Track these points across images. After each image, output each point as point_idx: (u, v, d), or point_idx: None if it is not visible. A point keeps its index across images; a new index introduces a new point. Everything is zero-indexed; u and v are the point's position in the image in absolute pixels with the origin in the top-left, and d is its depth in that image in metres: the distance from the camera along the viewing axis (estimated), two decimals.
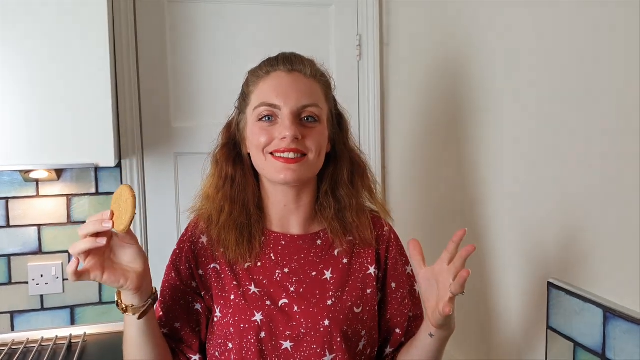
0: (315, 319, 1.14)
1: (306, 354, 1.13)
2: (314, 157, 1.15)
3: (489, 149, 1.51)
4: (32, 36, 1.58)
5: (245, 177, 1.21)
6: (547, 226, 1.29)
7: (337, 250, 1.22)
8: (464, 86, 1.62)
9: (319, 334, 1.14)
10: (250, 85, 1.20)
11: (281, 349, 1.13)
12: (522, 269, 1.39)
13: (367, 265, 1.23)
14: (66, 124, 1.62)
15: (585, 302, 1.15)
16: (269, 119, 1.14)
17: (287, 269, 1.19)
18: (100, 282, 1.03)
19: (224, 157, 1.23)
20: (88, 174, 1.96)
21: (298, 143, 1.12)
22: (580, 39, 1.16)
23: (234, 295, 1.16)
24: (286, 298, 1.16)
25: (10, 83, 1.58)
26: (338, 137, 1.25)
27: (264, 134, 1.13)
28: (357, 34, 2.16)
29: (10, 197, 1.90)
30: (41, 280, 1.93)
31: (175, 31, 2.01)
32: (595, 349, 1.13)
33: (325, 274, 1.20)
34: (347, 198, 1.23)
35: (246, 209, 1.19)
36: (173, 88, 2.01)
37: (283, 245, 1.21)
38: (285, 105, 1.13)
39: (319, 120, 1.16)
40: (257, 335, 1.12)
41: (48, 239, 1.93)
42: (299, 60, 1.19)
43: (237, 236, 1.17)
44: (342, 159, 1.25)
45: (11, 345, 1.83)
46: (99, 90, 1.64)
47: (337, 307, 1.16)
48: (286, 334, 1.13)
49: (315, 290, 1.18)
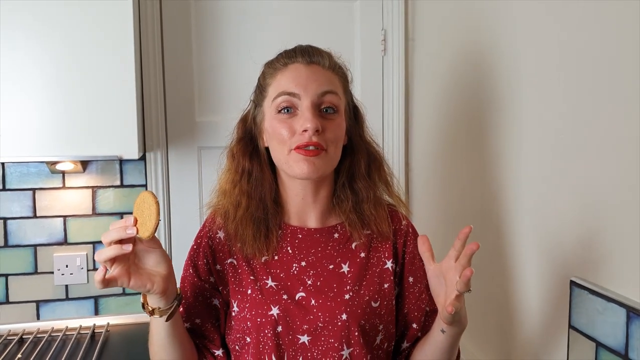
0: (333, 312, 1.14)
1: (323, 348, 1.13)
2: (332, 151, 1.14)
3: (512, 147, 1.49)
4: (59, 30, 1.61)
5: (262, 171, 1.21)
6: (569, 224, 1.27)
7: (354, 243, 1.22)
8: (490, 83, 1.60)
9: (337, 327, 1.13)
10: (267, 77, 1.19)
11: (298, 343, 1.13)
12: (544, 267, 1.37)
13: (384, 260, 1.23)
14: (92, 116, 1.64)
15: (609, 301, 1.13)
16: (288, 111, 1.13)
17: (304, 262, 1.19)
18: (127, 287, 1.03)
19: (240, 152, 1.22)
20: (113, 167, 1.98)
21: (318, 137, 1.11)
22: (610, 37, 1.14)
23: (250, 290, 1.16)
24: (303, 291, 1.16)
25: (38, 76, 1.61)
26: (354, 130, 1.24)
27: (285, 127, 1.13)
28: (382, 29, 2.15)
29: (37, 188, 1.93)
30: (66, 270, 1.96)
31: (201, 26, 2.02)
32: (618, 349, 1.11)
33: (343, 267, 1.19)
34: (365, 190, 1.23)
35: (263, 203, 1.19)
36: (198, 82, 2.03)
37: (300, 238, 1.21)
38: (305, 94, 1.12)
39: (337, 111, 1.15)
40: (273, 329, 1.12)
41: (73, 230, 1.96)
42: (316, 52, 1.18)
43: (254, 231, 1.17)
44: (358, 151, 1.24)
45: (36, 334, 1.87)
46: (124, 83, 1.66)
47: (354, 301, 1.16)
48: (303, 328, 1.13)
49: (332, 284, 1.17)
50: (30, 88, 1.61)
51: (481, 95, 1.65)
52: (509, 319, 1.53)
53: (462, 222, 1.81)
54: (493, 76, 1.58)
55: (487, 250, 1.63)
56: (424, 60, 2.11)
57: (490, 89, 1.60)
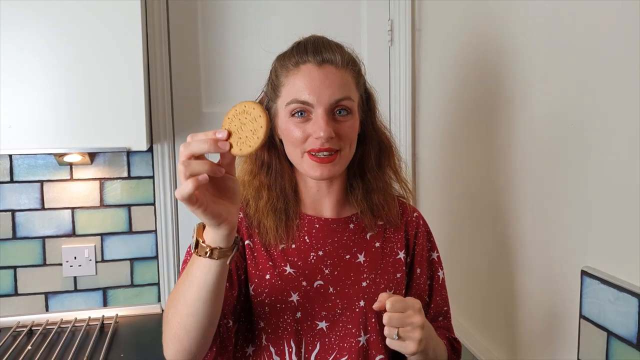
0: (351, 299, 1.17)
1: (341, 333, 1.16)
2: (346, 152, 1.15)
3: (521, 136, 1.49)
4: (66, 23, 1.61)
5: (281, 164, 1.21)
6: (579, 213, 1.27)
7: (369, 234, 1.24)
8: (497, 73, 1.59)
9: (355, 314, 1.16)
10: (280, 76, 1.17)
11: (317, 329, 1.15)
12: (554, 257, 1.37)
13: (397, 250, 1.25)
14: (100, 108, 1.64)
15: (620, 291, 1.13)
16: (301, 114, 1.12)
17: (321, 252, 1.20)
18: (202, 213, 0.86)
19: None
20: (120, 159, 1.98)
21: (331, 141, 1.10)
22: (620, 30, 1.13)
23: (269, 275, 1.17)
24: (321, 280, 1.18)
25: (45, 68, 1.61)
26: (367, 119, 1.24)
27: (298, 130, 1.12)
28: (388, 19, 2.14)
29: (45, 180, 1.93)
30: (75, 262, 1.96)
31: (207, 16, 2.01)
32: (630, 338, 1.11)
33: (359, 257, 1.21)
34: (374, 181, 1.24)
35: (284, 194, 1.20)
36: (204, 73, 2.02)
37: (317, 228, 1.22)
38: (319, 103, 1.10)
39: (351, 112, 1.14)
40: (293, 315, 1.14)
41: (81, 221, 1.97)
42: (328, 48, 1.15)
43: (276, 220, 1.18)
44: (370, 141, 1.24)
45: (45, 326, 1.87)
46: (131, 75, 1.66)
47: (371, 289, 1.18)
48: (322, 315, 1.16)
49: (349, 273, 1.19)
50: (38, 81, 1.61)
51: (489, 85, 1.64)
52: (519, 309, 1.53)
53: (469, 211, 1.80)
54: (501, 66, 1.57)
55: (495, 239, 1.63)
56: (431, 50, 2.10)
57: (498, 79, 1.59)
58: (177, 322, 0.98)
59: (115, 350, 1.71)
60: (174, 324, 0.99)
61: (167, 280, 2.02)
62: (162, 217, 2.01)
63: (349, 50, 1.20)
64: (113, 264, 2.00)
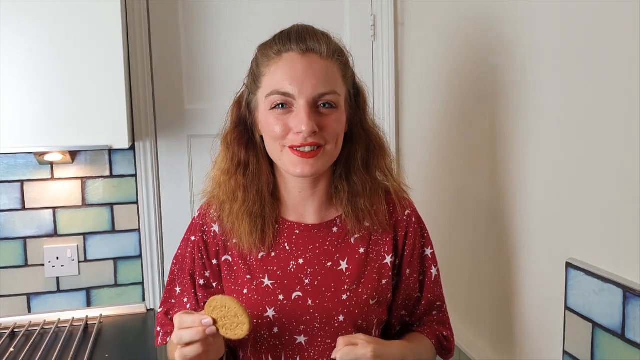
0: (330, 314, 1.13)
1: (320, 348, 1.13)
2: (331, 147, 1.09)
3: (506, 131, 1.49)
4: (45, 19, 1.58)
5: (259, 164, 1.15)
6: (564, 205, 1.27)
7: (353, 237, 1.18)
8: (481, 67, 1.59)
9: (333, 329, 1.13)
10: (261, 65, 1.12)
11: (295, 343, 1.12)
12: (539, 249, 1.37)
13: (383, 254, 1.20)
14: (80, 106, 1.62)
15: (605, 282, 1.13)
16: (282, 107, 1.07)
17: (301, 260, 1.16)
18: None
19: (235, 141, 1.16)
20: (102, 157, 1.96)
21: (315, 136, 1.05)
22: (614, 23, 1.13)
23: (247, 290, 1.14)
24: (300, 291, 1.14)
25: (24, 66, 1.58)
26: (355, 117, 1.17)
27: (279, 123, 1.07)
28: (371, 14, 2.14)
29: (26, 180, 1.90)
30: (57, 262, 1.94)
31: (189, 12, 1.99)
32: (615, 329, 1.12)
33: (341, 265, 1.16)
34: (360, 183, 1.17)
35: (260, 197, 1.14)
36: (186, 69, 2.00)
37: (297, 234, 1.17)
38: (300, 94, 1.05)
39: (336, 106, 1.09)
40: (269, 330, 1.12)
41: (63, 221, 1.94)
42: (313, 37, 1.10)
43: (251, 225, 1.13)
44: (357, 141, 1.17)
45: (28, 327, 1.85)
46: (112, 72, 1.64)
47: (352, 302, 1.14)
48: (300, 329, 1.12)
49: (330, 283, 1.15)
50: (17, 78, 1.58)
51: (472, 79, 1.64)
52: (504, 302, 1.54)
53: (453, 206, 1.80)
54: (485, 59, 1.57)
55: (481, 232, 1.63)
56: (414, 44, 2.09)
57: (481, 72, 1.59)
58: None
59: (99, 351, 1.68)
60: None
61: (151, 279, 2.00)
62: (146, 216, 1.99)
63: (336, 40, 1.15)
64: (96, 264, 1.98)
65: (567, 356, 1.26)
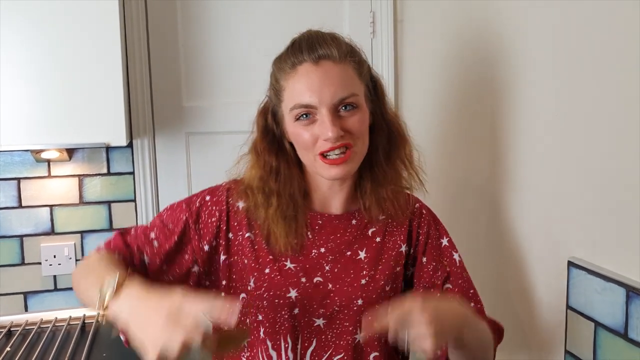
0: (350, 297, 1.16)
1: (338, 331, 1.16)
2: (359, 146, 1.14)
3: (508, 128, 1.48)
4: (43, 15, 1.56)
5: (290, 169, 1.20)
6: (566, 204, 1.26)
7: (371, 230, 1.23)
8: (481, 63, 1.58)
9: (352, 312, 1.16)
10: (280, 80, 1.16)
11: (314, 326, 1.16)
12: (541, 248, 1.37)
13: (399, 243, 1.23)
14: (77, 103, 1.60)
15: (607, 281, 1.13)
16: (306, 117, 1.11)
17: (323, 249, 1.20)
18: None
19: (265, 150, 1.20)
20: (99, 154, 1.94)
21: (342, 138, 1.10)
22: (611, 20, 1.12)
23: (269, 269, 1.17)
24: (321, 277, 1.18)
25: (22, 63, 1.56)
26: (376, 109, 1.21)
27: (306, 133, 1.11)
28: (370, 11, 2.12)
29: (22, 178, 1.88)
30: (54, 260, 1.92)
31: (187, 8, 1.97)
32: (617, 328, 1.11)
33: (360, 254, 1.20)
34: (383, 174, 1.21)
35: (293, 201, 1.18)
36: (184, 66, 1.98)
37: (320, 224, 1.21)
38: (321, 103, 1.09)
39: (357, 106, 1.13)
40: (290, 311, 1.15)
41: (60, 219, 1.93)
42: (323, 44, 1.12)
43: (286, 227, 1.16)
44: (379, 132, 1.21)
45: (25, 326, 1.83)
46: (109, 69, 1.62)
47: (370, 287, 1.18)
48: (320, 312, 1.16)
49: (349, 270, 1.18)
50: (14, 75, 1.56)
51: (472, 75, 1.63)
52: (506, 301, 1.53)
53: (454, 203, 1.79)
54: (484, 56, 1.56)
55: (481, 232, 1.63)
56: (414, 41, 2.08)
57: (481, 69, 1.58)
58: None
59: (97, 350, 1.67)
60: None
61: None
62: (143, 214, 1.97)
63: (346, 40, 1.17)
64: None
65: (569, 355, 1.25)
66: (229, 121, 2.00)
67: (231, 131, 2.02)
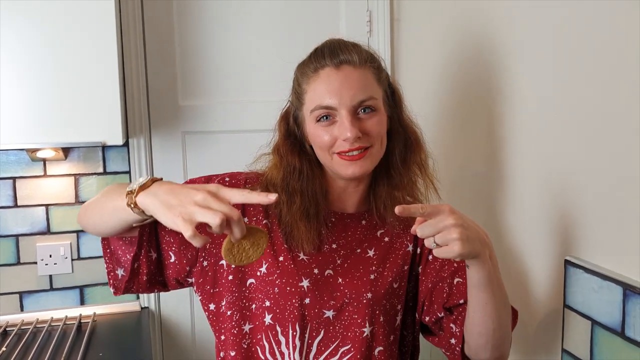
0: (359, 290, 1.19)
1: (346, 323, 1.18)
2: (377, 148, 1.16)
3: (506, 127, 1.48)
4: (39, 14, 1.56)
5: (312, 170, 1.22)
6: (563, 202, 1.26)
7: (379, 231, 1.26)
8: (478, 63, 1.58)
9: (362, 305, 1.18)
10: (302, 84, 1.20)
11: (323, 317, 1.18)
12: (538, 246, 1.37)
13: (406, 243, 1.26)
14: (73, 102, 1.60)
15: (604, 279, 1.13)
16: (327, 118, 1.15)
17: (335, 245, 1.23)
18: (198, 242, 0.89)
19: (288, 151, 1.23)
20: (95, 154, 1.94)
21: (360, 140, 1.13)
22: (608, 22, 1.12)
23: (283, 257, 1.20)
24: (332, 270, 1.20)
25: (18, 62, 1.56)
26: (393, 114, 1.24)
27: (326, 134, 1.15)
28: (367, 10, 2.12)
29: (18, 177, 1.88)
30: (50, 260, 1.92)
31: (183, 8, 1.97)
32: (614, 327, 1.11)
33: (369, 252, 1.24)
34: (399, 178, 1.24)
35: (315, 200, 1.21)
36: (180, 65, 1.98)
37: (333, 221, 1.24)
38: (341, 105, 1.13)
39: (376, 109, 1.16)
40: (301, 300, 1.17)
41: (56, 218, 1.92)
42: (344, 49, 1.17)
43: (308, 225, 1.19)
44: (396, 137, 1.24)
45: (20, 326, 1.83)
46: (105, 68, 1.62)
47: (378, 282, 1.20)
48: (330, 304, 1.18)
49: (359, 266, 1.22)
50: (10, 74, 1.56)
51: (468, 75, 1.63)
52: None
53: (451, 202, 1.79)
54: (481, 56, 1.56)
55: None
56: (410, 41, 2.08)
57: (478, 68, 1.58)
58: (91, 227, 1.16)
59: (93, 350, 1.67)
60: (88, 223, 1.16)
61: None
62: None
63: (366, 48, 1.22)
64: (90, 262, 1.96)
65: (566, 354, 1.25)
66: (225, 120, 2.00)
67: (227, 130, 2.03)
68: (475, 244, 0.99)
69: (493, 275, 1.06)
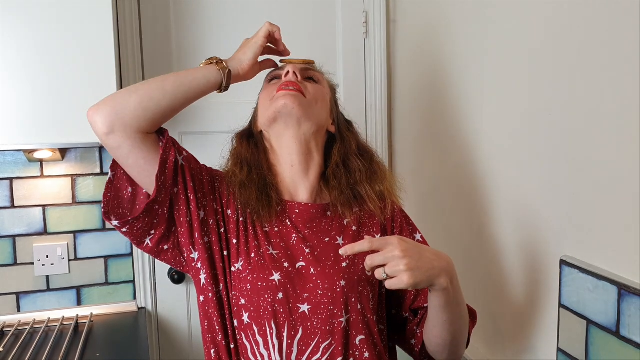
0: (332, 279, 1.18)
1: (323, 316, 1.16)
2: (310, 101, 1.24)
3: (499, 126, 1.49)
4: (36, 14, 1.56)
5: (258, 151, 1.31)
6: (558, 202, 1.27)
7: (346, 220, 1.27)
8: (473, 64, 1.59)
9: (336, 294, 1.17)
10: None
11: (299, 312, 1.16)
12: (533, 246, 1.37)
13: (373, 233, 1.28)
14: (70, 102, 1.60)
15: (599, 279, 1.14)
16: (277, 79, 1.29)
17: (302, 234, 1.24)
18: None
19: (238, 137, 1.37)
20: (92, 154, 1.94)
21: (298, 83, 1.24)
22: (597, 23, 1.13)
23: (254, 254, 1.20)
24: (303, 261, 1.20)
25: (15, 62, 1.56)
26: (342, 125, 1.34)
27: (273, 87, 1.26)
28: (363, 11, 2.13)
29: (15, 178, 1.88)
30: (47, 260, 1.92)
31: (180, 7, 1.98)
32: (609, 326, 1.12)
33: (338, 240, 1.25)
34: (358, 169, 1.29)
35: (263, 175, 1.25)
36: (177, 66, 1.98)
37: (297, 213, 1.25)
38: (288, 66, 1.28)
39: (318, 81, 1.30)
40: (274, 295, 1.16)
41: (53, 219, 1.92)
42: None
43: (258, 194, 1.22)
44: (348, 137, 1.34)
45: (17, 327, 1.83)
46: (102, 68, 1.62)
47: (351, 269, 1.20)
48: (303, 297, 1.16)
49: (330, 254, 1.22)
50: (7, 75, 1.55)
51: (464, 76, 1.64)
52: (498, 299, 1.54)
53: (446, 202, 1.80)
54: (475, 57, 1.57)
55: (473, 229, 1.63)
56: (406, 41, 2.09)
57: (474, 69, 1.59)
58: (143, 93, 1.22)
59: (90, 350, 1.67)
60: (138, 93, 1.22)
61: (142, 277, 1.98)
62: None
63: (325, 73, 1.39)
64: (87, 262, 1.96)
65: (562, 354, 1.26)
66: (222, 121, 1.99)
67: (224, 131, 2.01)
68: (428, 273, 1.02)
69: (453, 298, 1.09)
